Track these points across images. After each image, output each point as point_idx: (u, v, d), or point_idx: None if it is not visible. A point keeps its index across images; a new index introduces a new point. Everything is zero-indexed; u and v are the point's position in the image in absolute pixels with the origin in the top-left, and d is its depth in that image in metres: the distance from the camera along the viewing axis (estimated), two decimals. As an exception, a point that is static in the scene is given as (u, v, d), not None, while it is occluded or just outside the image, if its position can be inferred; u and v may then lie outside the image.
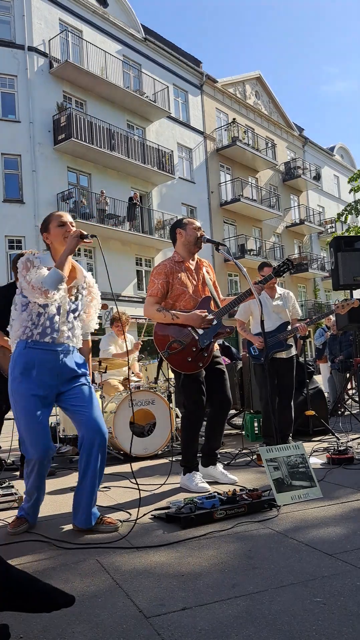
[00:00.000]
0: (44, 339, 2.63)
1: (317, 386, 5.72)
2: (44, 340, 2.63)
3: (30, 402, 2.57)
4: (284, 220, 30.59)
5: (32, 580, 1.55)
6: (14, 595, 1.50)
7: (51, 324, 2.64)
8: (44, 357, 2.62)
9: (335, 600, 1.72)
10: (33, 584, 1.53)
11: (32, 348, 2.62)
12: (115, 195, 19.95)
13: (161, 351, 3.48)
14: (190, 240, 3.61)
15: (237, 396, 6.15)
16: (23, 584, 1.52)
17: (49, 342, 2.64)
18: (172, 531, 2.54)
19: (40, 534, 2.62)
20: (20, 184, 17.99)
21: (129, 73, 21.87)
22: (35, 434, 2.57)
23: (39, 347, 2.62)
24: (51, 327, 2.64)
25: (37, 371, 2.59)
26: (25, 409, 2.57)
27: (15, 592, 1.50)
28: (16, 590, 1.50)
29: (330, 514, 2.67)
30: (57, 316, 2.66)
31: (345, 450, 3.91)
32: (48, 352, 2.63)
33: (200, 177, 24.99)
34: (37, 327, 2.63)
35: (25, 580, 1.54)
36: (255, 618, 1.63)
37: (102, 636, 1.58)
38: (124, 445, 4.59)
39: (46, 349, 2.63)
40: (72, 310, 2.73)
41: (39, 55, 18.60)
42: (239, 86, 28.61)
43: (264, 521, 2.60)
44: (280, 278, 3.87)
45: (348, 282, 6.15)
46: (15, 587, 1.51)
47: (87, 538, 2.52)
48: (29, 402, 2.57)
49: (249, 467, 4.01)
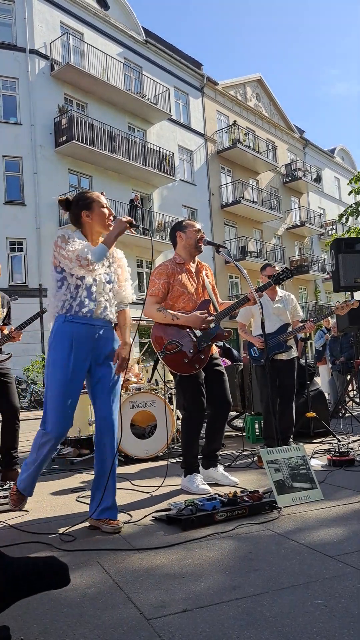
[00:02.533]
0: (82, 311, 2.67)
1: (318, 388, 5.72)
2: (82, 312, 2.67)
3: (64, 374, 2.62)
4: (284, 222, 30.60)
5: (33, 564, 1.58)
6: (21, 584, 1.52)
7: (89, 294, 2.70)
8: (81, 330, 2.67)
9: (336, 602, 1.72)
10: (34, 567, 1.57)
11: (70, 322, 2.67)
12: (116, 197, 19.96)
13: (158, 351, 3.48)
14: (190, 243, 3.61)
15: (238, 398, 6.15)
16: (26, 573, 1.54)
17: (87, 316, 2.69)
18: (172, 533, 2.54)
19: (41, 535, 2.62)
20: (22, 186, 18.02)
21: (130, 75, 21.91)
22: (60, 410, 2.64)
23: (77, 320, 2.67)
24: (89, 298, 2.69)
25: (75, 344, 2.64)
26: (58, 381, 2.63)
27: (20, 582, 1.52)
28: (21, 580, 1.53)
29: (331, 515, 2.66)
30: (95, 286, 2.71)
31: (346, 452, 3.91)
32: (86, 326, 2.69)
33: (201, 179, 25.02)
34: (76, 299, 2.68)
35: (27, 567, 1.56)
36: (256, 620, 1.63)
37: (103, 638, 1.58)
38: (125, 447, 4.59)
39: (84, 322, 2.68)
40: (107, 281, 2.78)
41: (40, 58, 18.65)
42: (240, 88, 28.65)
43: (264, 523, 2.59)
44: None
45: (349, 284, 6.15)
46: (20, 577, 1.53)
47: (88, 540, 2.52)
48: (65, 372, 2.62)
49: (250, 469, 4.01)
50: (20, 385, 15.00)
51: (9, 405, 4.10)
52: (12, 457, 4.08)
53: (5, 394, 4.10)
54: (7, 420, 4.12)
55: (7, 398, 4.10)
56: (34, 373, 15.68)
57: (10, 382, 4.16)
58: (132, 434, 4.74)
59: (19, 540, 2.55)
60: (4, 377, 4.12)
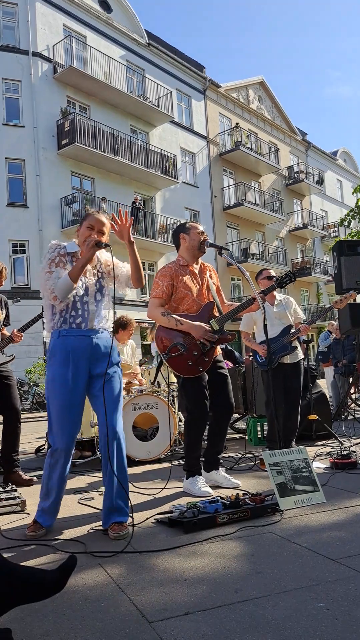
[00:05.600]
0: (75, 322, 2.71)
1: (320, 390, 5.71)
2: (76, 323, 2.71)
3: (64, 388, 2.65)
4: (287, 224, 30.59)
5: (34, 571, 1.59)
6: (21, 589, 1.53)
7: (81, 305, 2.73)
8: (77, 343, 2.70)
9: (338, 605, 1.71)
10: (35, 574, 1.58)
11: (64, 336, 2.71)
12: (118, 199, 19.99)
13: (162, 353, 3.47)
14: (193, 245, 3.61)
15: (240, 400, 6.14)
16: (28, 579, 1.55)
17: (82, 327, 2.72)
18: (175, 535, 2.53)
19: (43, 538, 2.61)
20: (24, 189, 18.06)
21: (132, 78, 21.97)
22: (64, 421, 2.66)
23: (72, 334, 2.71)
24: (82, 309, 2.73)
25: (72, 357, 2.67)
26: (60, 395, 2.66)
27: (20, 586, 1.53)
28: (21, 584, 1.53)
29: (333, 518, 2.66)
30: (86, 296, 2.75)
31: (349, 454, 3.90)
32: (81, 338, 2.71)
33: (203, 181, 25.04)
34: (69, 311, 2.72)
35: (26, 573, 1.57)
36: (258, 623, 1.62)
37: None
38: (127, 449, 4.58)
39: (79, 334, 2.71)
40: (98, 289, 2.82)
41: (43, 61, 18.71)
42: (242, 91, 28.69)
43: (266, 526, 2.59)
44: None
45: (351, 286, 6.14)
46: (19, 582, 1.53)
47: (90, 543, 2.52)
48: (63, 387, 2.66)
49: (252, 472, 4.00)
50: (22, 387, 15.01)
51: (11, 407, 4.10)
52: (12, 459, 4.07)
53: (6, 396, 4.10)
54: (9, 422, 4.12)
55: (9, 400, 4.10)
56: (35, 375, 15.69)
57: (12, 384, 4.16)
58: (135, 436, 4.74)
59: (21, 543, 2.55)
60: (6, 379, 4.12)
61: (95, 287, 2.80)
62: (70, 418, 2.67)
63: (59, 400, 2.65)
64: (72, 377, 2.66)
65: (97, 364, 2.74)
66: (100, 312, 2.80)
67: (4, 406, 4.10)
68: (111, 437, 2.67)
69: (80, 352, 2.69)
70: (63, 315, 2.72)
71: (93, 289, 2.79)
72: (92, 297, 2.78)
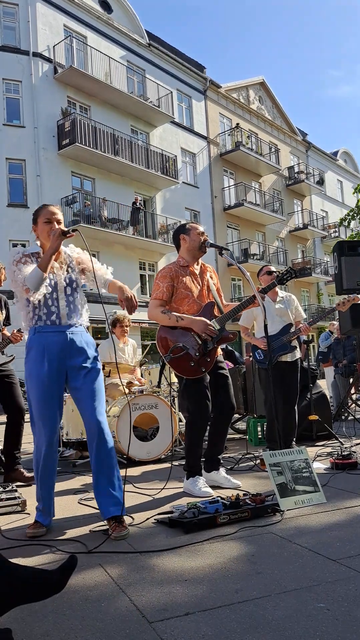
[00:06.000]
0: (50, 319, 2.73)
1: (321, 391, 5.71)
2: (50, 320, 2.73)
3: (40, 384, 2.69)
4: (287, 224, 30.60)
5: (34, 572, 1.60)
6: (21, 589, 1.53)
7: (52, 301, 2.75)
8: (51, 339, 2.72)
9: (339, 606, 1.71)
10: (35, 574, 1.59)
11: (39, 332, 2.74)
12: (119, 200, 20.00)
13: (164, 355, 3.47)
14: (194, 246, 3.61)
15: (241, 400, 6.14)
16: (28, 579, 1.55)
17: (56, 323, 2.74)
18: (175, 536, 2.53)
19: (43, 538, 2.61)
20: (25, 189, 18.07)
21: (132, 78, 21.97)
22: (44, 417, 2.69)
23: (46, 330, 2.73)
24: (53, 305, 2.75)
25: (47, 353, 2.70)
26: (37, 390, 2.69)
27: (20, 586, 1.53)
28: (21, 584, 1.53)
29: (334, 519, 2.66)
30: (55, 292, 2.76)
31: (349, 455, 3.90)
32: (55, 334, 2.73)
33: (203, 181, 25.04)
34: (41, 308, 2.74)
35: (26, 573, 1.57)
36: (258, 624, 1.62)
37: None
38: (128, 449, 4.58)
39: (53, 330, 2.73)
40: (68, 284, 2.82)
41: (44, 61, 18.71)
42: (243, 91, 28.69)
43: (267, 526, 2.59)
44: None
45: (351, 287, 6.13)
46: (19, 582, 1.53)
47: (90, 542, 2.52)
48: (40, 384, 2.69)
49: (253, 472, 4.00)
50: (22, 387, 14.99)
51: (15, 406, 4.18)
52: (14, 457, 4.11)
53: (10, 395, 4.17)
54: (13, 420, 4.18)
55: (12, 399, 4.18)
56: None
57: (15, 383, 4.23)
58: (135, 437, 4.73)
59: (21, 543, 2.55)
60: (8, 378, 4.19)
61: (65, 282, 2.80)
62: (49, 413, 2.71)
63: (37, 396, 2.70)
64: (47, 373, 2.68)
65: (72, 359, 2.75)
66: (73, 307, 2.81)
67: (8, 405, 4.18)
68: (94, 426, 2.70)
69: (55, 348, 2.71)
70: (37, 312, 2.74)
71: (62, 284, 2.79)
72: (62, 292, 2.78)
